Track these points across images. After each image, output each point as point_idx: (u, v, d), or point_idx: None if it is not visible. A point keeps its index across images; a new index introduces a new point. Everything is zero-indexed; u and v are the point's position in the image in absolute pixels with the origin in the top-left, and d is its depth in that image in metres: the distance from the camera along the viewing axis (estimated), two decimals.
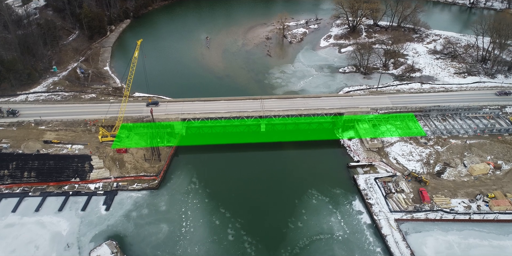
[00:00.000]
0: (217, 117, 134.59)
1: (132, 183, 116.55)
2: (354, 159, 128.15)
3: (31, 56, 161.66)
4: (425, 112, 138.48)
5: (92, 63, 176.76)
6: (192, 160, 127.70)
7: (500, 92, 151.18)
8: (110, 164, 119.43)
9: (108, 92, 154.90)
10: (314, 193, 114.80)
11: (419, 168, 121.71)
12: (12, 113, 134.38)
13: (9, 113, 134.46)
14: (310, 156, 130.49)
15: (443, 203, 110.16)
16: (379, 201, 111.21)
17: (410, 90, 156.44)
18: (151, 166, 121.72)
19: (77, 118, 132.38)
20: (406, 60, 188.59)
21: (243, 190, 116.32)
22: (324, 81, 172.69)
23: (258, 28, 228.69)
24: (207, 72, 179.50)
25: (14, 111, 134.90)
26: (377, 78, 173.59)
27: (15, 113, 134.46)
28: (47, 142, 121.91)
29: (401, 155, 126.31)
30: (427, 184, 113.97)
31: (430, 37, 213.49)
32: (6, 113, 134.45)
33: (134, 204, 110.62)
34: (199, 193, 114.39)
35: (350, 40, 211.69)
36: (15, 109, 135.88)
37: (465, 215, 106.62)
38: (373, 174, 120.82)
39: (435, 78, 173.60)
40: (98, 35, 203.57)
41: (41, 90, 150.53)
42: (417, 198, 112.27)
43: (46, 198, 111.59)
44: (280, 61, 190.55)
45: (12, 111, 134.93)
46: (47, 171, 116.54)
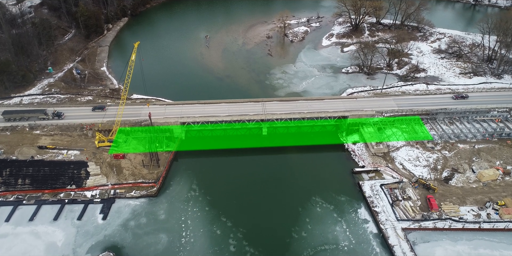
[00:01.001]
0: (218, 121, 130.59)
1: (130, 190, 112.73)
2: (359, 164, 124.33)
3: (25, 57, 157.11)
4: (432, 116, 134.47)
5: (88, 63, 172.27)
6: (192, 165, 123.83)
7: (457, 95, 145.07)
8: (107, 170, 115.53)
9: (105, 94, 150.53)
10: (318, 201, 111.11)
11: (426, 174, 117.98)
12: (57, 115, 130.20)
13: (54, 115, 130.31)
14: (314, 161, 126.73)
15: (451, 211, 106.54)
16: (386, 209, 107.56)
17: (416, 92, 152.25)
18: (149, 172, 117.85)
19: (73, 122, 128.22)
20: (410, 59, 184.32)
21: (244, 197, 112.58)
22: (327, 82, 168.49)
23: (259, 27, 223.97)
24: (206, 73, 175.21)
25: (60, 114, 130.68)
26: (381, 79, 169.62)
27: (61, 116, 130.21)
28: (42, 148, 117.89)
29: (408, 160, 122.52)
30: (436, 191, 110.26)
31: (434, 36, 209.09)
32: (52, 116, 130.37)
33: (132, 212, 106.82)
34: (199, 201, 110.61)
35: (353, 39, 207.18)
36: (60, 112, 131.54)
37: (475, 224, 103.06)
38: (378, 180, 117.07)
39: (440, 78, 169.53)
40: (95, 34, 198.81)
41: (36, 92, 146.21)
42: (425, 205, 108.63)
43: (41, 207, 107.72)
44: (282, 61, 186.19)
45: (57, 113, 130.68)
46: (42, 178, 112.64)
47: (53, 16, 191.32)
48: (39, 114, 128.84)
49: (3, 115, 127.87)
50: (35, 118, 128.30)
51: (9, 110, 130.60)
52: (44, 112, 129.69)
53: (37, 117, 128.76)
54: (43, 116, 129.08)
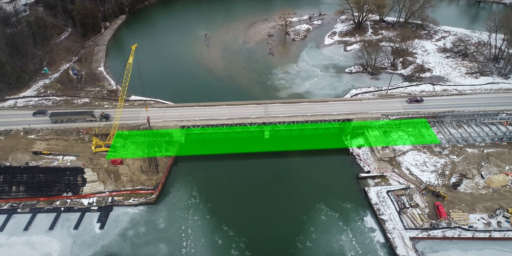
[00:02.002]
0: (218, 124, 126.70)
1: (128, 197, 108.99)
2: (364, 169, 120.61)
3: (20, 57, 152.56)
4: (439, 118, 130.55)
5: (85, 63, 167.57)
6: (192, 170, 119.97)
7: (411, 99, 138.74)
8: (105, 177, 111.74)
9: (102, 96, 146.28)
10: (323, 208, 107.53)
11: (434, 180, 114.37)
12: (105, 117, 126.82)
13: (102, 117, 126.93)
14: (317, 166, 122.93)
15: (461, 219, 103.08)
16: (393, 217, 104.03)
17: (422, 93, 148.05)
18: (148, 178, 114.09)
19: (69, 126, 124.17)
20: (415, 59, 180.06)
21: (246, 204, 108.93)
22: (330, 82, 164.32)
23: (260, 24, 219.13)
24: (206, 73, 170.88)
25: (108, 116, 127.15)
26: (385, 79, 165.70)
27: (108, 117, 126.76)
28: (37, 153, 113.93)
29: (414, 165, 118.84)
30: (446, 199, 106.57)
31: (439, 34, 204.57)
32: (100, 118, 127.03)
33: (131, 221, 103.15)
34: (200, 209, 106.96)
35: (356, 37, 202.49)
36: (108, 114, 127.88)
37: (485, 232, 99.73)
38: (385, 186, 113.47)
39: (446, 78, 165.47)
40: (92, 33, 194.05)
41: (31, 94, 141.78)
42: (433, 213, 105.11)
43: (36, 215, 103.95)
44: (283, 60, 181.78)
45: (105, 115, 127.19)
46: (37, 185, 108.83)
47: (49, 15, 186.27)
48: (86, 116, 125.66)
49: (50, 117, 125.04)
50: (82, 120, 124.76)
51: (56, 112, 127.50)
52: (92, 114, 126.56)
53: (84, 119, 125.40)
54: (91, 118, 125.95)
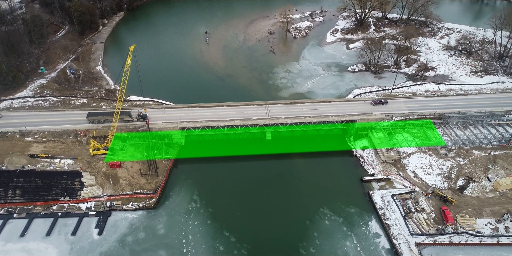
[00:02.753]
0: (219, 126, 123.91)
1: (127, 202, 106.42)
2: (368, 171, 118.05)
3: (16, 56, 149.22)
4: (445, 120, 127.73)
5: (83, 62, 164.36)
6: (192, 174, 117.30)
7: (375, 101, 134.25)
8: (103, 180, 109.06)
9: (100, 96, 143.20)
10: (326, 213, 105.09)
11: (440, 183, 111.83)
12: (142, 118, 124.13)
13: (139, 117, 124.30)
14: (320, 168, 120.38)
15: (467, 224, 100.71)
16: (398, 222, 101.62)
17: (427, 93, 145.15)
18: (147, 182, 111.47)
19: (66, 127, 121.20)
20: (418, 57, 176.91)
21: (248, 208, 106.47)
22: (333, 82, 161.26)
23: (260, 21, 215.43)
24: (206, 72, 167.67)
25: (145, 115, 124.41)
26: (389, 78, 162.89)
27: (146, 117, 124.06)
28: (33, 157, 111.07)
29: (420, 168, 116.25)
30: (453, 204, 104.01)
31: (442, 31, 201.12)
32: (137, 118, 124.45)
33: (130, 226, 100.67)
34: (200, 213, 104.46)
35: (358, 35, 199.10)
36: (145, 114, 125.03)
37: (493, 238, 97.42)
38: (389, 190, 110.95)
39: (450, 77, 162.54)
40: (89, 30, 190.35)
41: (27, 94, 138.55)
42: (439, 218, 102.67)
43: (33, 220, 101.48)
44: (285, 59, 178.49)
45: (143, 115, 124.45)
46: (34, 190, 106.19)
47: (45, 12, 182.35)
48: (124, 116, 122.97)
49: (88, 117, 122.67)
50: (119, 120, 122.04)
51: (93, 112, 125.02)
52: (129, 114, 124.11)
53: (122, 119, 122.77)
54: (128, 118, 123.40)
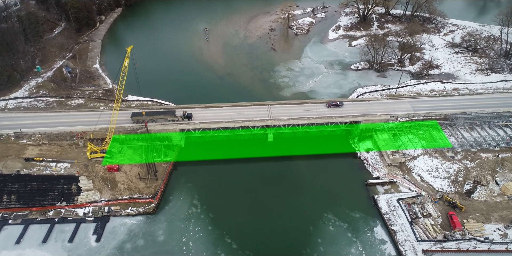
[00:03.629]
0: (220, 127, 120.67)
1: (126, 207, 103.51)
2: (372, 174, 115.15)
3: (11, 55, 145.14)
4: (451, 121, 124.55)
5: (80, 60, 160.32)
6: (192, 177, 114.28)
7: (330, 103, 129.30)
8: (101, 185, 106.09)
9: (98, 96, 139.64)
10: (330, 218, 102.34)
11: (446, 187, 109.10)
12: (188, 117, 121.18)
13: (184, 117, 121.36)
14: (324, 171, 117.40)
15: (475, 230, 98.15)
16: (404, 227, 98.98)
17: (432, 93, 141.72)
18: (147, 186, 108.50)
19: (62, 130, 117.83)
20: (422, 54, 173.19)
21: (250, 213, 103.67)
22: (335, 80, 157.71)
23: (261, 18, 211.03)
24: (206, 70, 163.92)
25: (190, 115, 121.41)
26: (392, 76, 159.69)
27: (191, 117, 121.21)
28: (29, 160, 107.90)
29: (426, 171, 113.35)
30: (463, 210, 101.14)
31: (447, 28, 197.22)
32: (182, 117, 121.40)
33: (128, 233, 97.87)
34: (201, 219, 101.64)
35: (361, 31, 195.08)
36: (190, 113, 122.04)
37: (502, 244, 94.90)
38: (395, 194, 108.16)
39: (455, 76, 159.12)
40: (86, 27, 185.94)
41: (23, 95, 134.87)
42: (446, 223, 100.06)
43: (29, 227, 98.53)
44: (286, 56, 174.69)
45: (188, 114, 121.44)
46: (29, 195, 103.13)
47: (41, 9, 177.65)
48: (168, 115, 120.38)
49: (132, 118, 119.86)
50: (164, 120, 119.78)
51: (137, 112, 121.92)
52: (174, 113, 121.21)
53: (166, 119, 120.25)
54: (173, 117, 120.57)
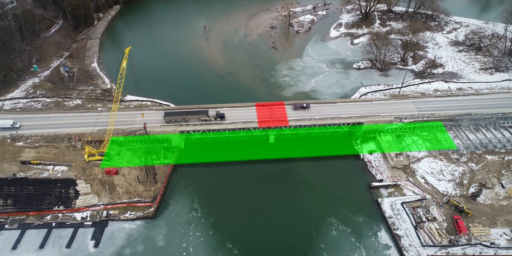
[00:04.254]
0: (220, 129, 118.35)
1: (125, 211, 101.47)
2: (376, 177, 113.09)
3: (7, 54, 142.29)
4: (456, 122, 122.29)
5: (77, 59, 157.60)
6: (193, 180, 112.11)
7: (297, 105, 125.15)
8: (99, 188, 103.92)
9: (96, 96, 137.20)
10: (333, 222, 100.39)
11: (451, 190, 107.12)
12: (220, 117, 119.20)
13: (217, 117, 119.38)
14: (326, 173, 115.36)
15: (481, 235, 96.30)
16: (409, 232, 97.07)
17: (436, 93, 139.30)
18: (146, 189, 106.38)
19: (59, 131, 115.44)
20: (426, 53, 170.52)
21: (252, 218, 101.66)
22: (337, 79, 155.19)
23: (261, 15, 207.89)
24: (206, 69, 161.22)
25: (223, 115, 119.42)
26: (395, 75, 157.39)
27: (223, 117, 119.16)
28: (25, 163, 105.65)
29: (430, 173, 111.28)
30: (469, 215, 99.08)
31: (450, 25, 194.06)
32: (214, 117, 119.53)
33: (127, 238, 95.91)
34: (201, 223, 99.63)
35: (363, 29, 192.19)
36: (223, 113, 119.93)
37: (508, 250, 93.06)
38: (399, 197, 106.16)
39: (459, 75, 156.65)
40: (84, 25, 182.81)
41: (19, 95, 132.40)
42: (452, 228, 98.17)
43: (26, 232, 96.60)
44: (287, 55, 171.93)
45: (220, 114, 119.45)
46: (26, 199, 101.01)
47: (37, 6, 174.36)
48: (201, 115, 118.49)
49: (164, 117, 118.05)
50: (197, 120, 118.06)
51: (170, 112, 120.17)
52: (207, 113, 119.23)
53: (198, 119, 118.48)
54: (206, 117, 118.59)
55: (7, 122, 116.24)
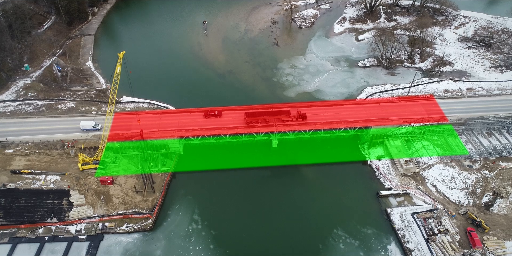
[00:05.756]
0: (221, 134, 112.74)
1: (121, 223, 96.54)
2: (384, 185, 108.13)
3: None
4: (468, 126, 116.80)
5: (70, 58, 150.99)
6: (192, 188, 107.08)
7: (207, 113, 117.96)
8: (94, 199, 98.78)
9: (90, 97, 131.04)
10: (340, 235, 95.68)
11: (464, 199, 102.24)
12: (302, 117, 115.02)
13: (298, 117, 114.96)
14: (332, 180, 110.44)
15: (496, 249, 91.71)
16: (420, 246, 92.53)
17: (446, 94, 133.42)
18: (143, 199, 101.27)
19: (52, 137, 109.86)
20: (433, 50, 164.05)
21: (255, 230, 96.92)
22: (342, 78, 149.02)
23: (262, 9, 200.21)
24: (206, 67, 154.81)
25: (304, 115, 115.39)
26: (402, 74, 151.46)
27: (305, 117, 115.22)
28: (16, 173, 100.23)
29: (441, 181, 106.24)
30: (486, 231, 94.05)
31: (458, 20, 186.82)
32: (295, 118, 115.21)
33: (124, 252, 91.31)
34: (202, 236, 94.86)
35: (368, 24, 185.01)
36: (304, 113, 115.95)
37: None
38: (409, 207, 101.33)
39: (468, 73, 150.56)
40: (78, 21, 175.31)
41: (10, 97, 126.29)
42: (465, 240, 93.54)
43: (17, 246, 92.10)
44: (290, 52, 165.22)
45: (302, 114, 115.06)
46: (17, 211, 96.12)
47: (28, 1, 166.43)
48: (283, 116, 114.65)
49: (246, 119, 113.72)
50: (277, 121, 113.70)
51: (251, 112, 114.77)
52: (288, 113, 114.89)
53: (280, 120, 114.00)
54: (287, 118, 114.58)
55: (89, 123, 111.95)
